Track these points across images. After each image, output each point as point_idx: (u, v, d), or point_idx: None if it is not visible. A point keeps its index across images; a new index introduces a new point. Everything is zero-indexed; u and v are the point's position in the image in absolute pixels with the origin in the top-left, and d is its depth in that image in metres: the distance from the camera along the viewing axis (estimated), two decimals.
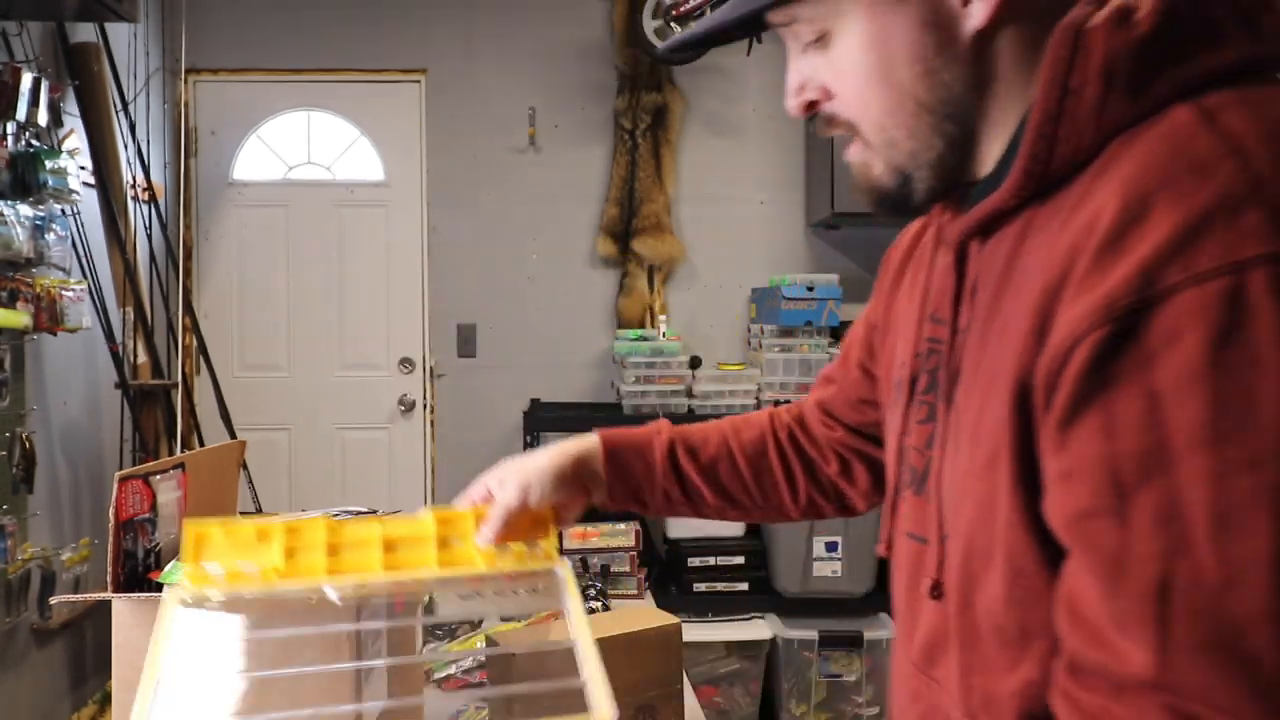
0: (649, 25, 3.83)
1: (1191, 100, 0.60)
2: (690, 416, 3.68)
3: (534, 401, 4.04)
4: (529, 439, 3.87)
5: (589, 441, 1.07)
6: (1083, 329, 0.57)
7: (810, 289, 3.61)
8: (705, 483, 1.10)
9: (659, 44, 3.83)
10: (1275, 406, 0.51)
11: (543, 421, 3.90)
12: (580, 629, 0.84)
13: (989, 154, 0.74)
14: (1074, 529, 0.59)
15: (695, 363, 3.76)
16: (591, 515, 3.87)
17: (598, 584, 2.26)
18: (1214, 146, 0.57)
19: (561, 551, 0.98)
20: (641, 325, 4.04)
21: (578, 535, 2.91)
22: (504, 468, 1.02)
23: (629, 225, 4.04)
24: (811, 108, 0.78)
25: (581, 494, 1.07)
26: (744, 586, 3.46)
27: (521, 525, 0.97)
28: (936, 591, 0.75)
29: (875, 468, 1.11)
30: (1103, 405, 0.56)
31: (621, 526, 2.84)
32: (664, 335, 3.86)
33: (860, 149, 0.77)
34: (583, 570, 2.75)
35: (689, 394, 3.72)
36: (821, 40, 0.74)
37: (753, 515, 1.15)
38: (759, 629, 3.32)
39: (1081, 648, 0.59)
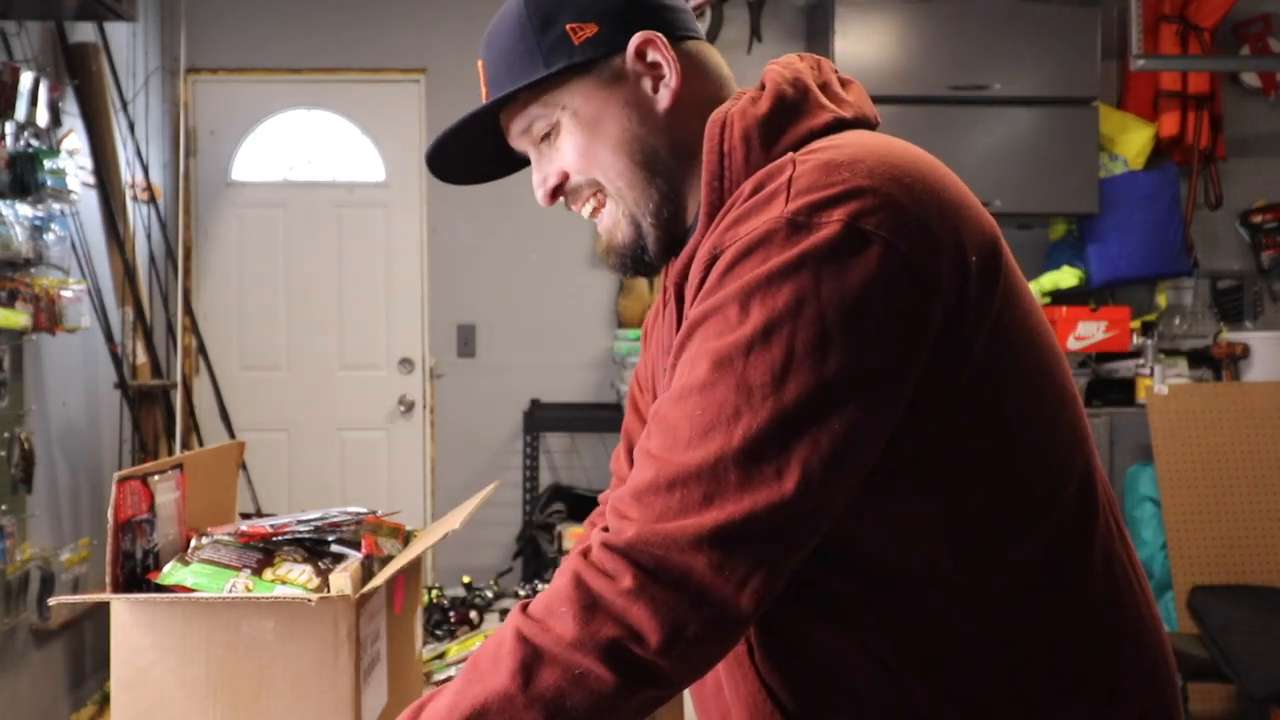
0: None
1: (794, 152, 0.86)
2: None
3: (534, 402, 4.03)
4: (529, 439, 3.87)
5: None
6: (693, 290, 0.84)
7: None
8: None
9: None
10: (735, 297, 0.76)
11: (543, 422, 3.90)
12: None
13: (692, 210, 0.95)
14: (659, 383, 0.87)
15: None
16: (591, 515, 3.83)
17: None
18: (783, 167, 0.81)
19: None
20: (641, 325, 4.03)
21: (577, 536, 2.90)
22: None
23: None
24: (557, 192, 0.97)
25: None
26: None
27: None
28: None
29: None
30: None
31: None
32: None
33: (609, 209, 0.95)
34: None
35: None
36: (553, 132, 0.94)
37: None
38: None
39: None
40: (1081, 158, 3.70)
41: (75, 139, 3.21)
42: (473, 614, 1.92)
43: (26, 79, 2.69)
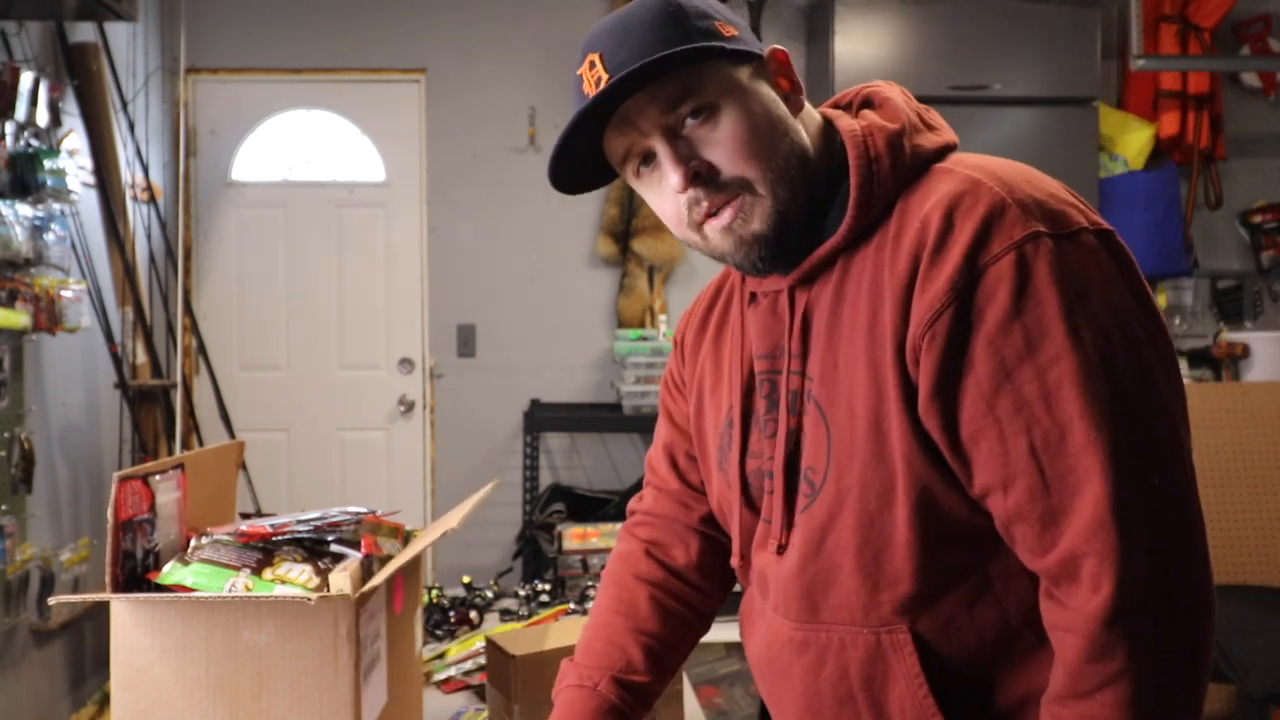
0: None
1: (935, 164, 0.93)
2: None
3: (534, 402, 4.03)
4: (529, 439, 3.87)
5: None
6: (939, 305, 0.85)
7: None
8: (655, 686, 1.17)
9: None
10: (1057, 320, 0.82)
11: (543, 422, 3.90)
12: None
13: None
14: (976, 425, 0.86)
15: None
16: (591, 515, 3.83)
17: (598, 585, 2.26)
18: (967, 180, 0.88)
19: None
20: (641, 325, 4.03)
21: (577, 536, 2.90)
22: None
23: (629, 225, 4.04)
24: (697, 180, 0.92)
25: None
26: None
27: None
28: (781, 550, 0.99)
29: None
30: (967, 351, 0.85)
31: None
32: (664, 335, 3.86)
33: (737, 209, 0.93)
34: (583, 571, 2.75)
35: None
36: (710, 114, 0.92)
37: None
38: None
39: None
40: (1081, 158, 3.69)
41: (75, 139, 3.21)
42: (473, 614, 1.92)
43: (26, 79, 2.69)
